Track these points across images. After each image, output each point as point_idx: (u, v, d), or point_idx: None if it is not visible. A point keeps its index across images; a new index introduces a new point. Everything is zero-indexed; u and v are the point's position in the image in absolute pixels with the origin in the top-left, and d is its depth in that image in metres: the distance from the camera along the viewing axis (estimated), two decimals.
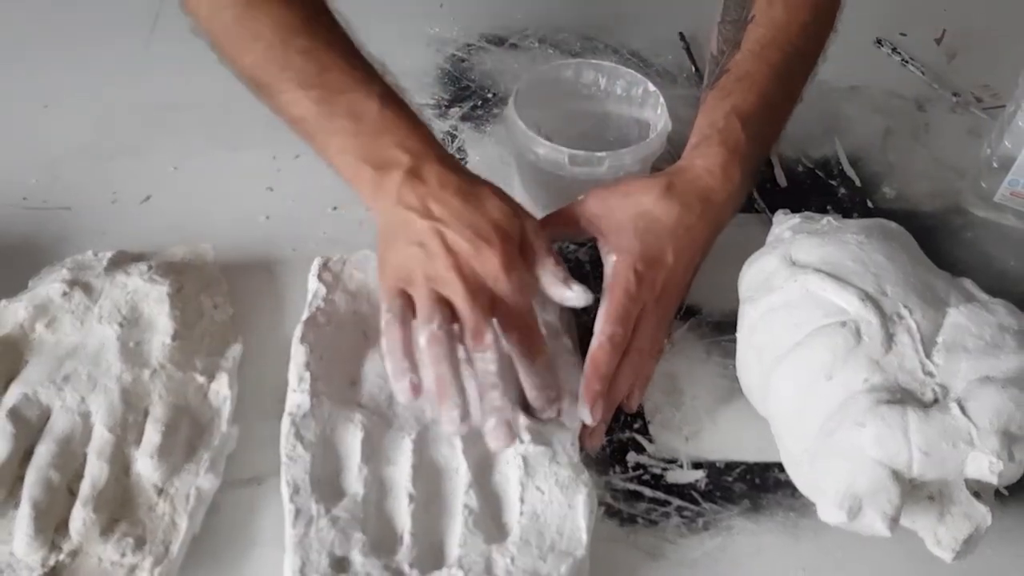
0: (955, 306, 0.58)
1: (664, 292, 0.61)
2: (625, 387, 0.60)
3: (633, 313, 0.60)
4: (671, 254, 0.61)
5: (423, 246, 0.55)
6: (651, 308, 0.61)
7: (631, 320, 0.60)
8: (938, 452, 0.51)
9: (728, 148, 0.63)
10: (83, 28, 0.89)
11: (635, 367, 0.60)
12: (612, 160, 0.68)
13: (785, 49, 0.67)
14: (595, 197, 0.64)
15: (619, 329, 0.59)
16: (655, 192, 0.62)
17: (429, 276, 0.55)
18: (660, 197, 0.62)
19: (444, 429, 0.54)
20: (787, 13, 0.68)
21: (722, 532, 0.57)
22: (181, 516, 0.53)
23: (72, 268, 0.63)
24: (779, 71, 0.67)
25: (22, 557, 0.51)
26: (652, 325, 0.61)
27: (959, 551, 0.52)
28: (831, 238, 0.62)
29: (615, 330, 0.58)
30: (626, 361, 0.60)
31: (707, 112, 0.66)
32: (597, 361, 0.58)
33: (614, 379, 0.59)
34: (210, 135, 0.80)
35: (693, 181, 0.63)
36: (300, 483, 0.53)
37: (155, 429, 0.55)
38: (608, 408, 0.59)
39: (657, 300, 0.61)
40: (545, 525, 0.53)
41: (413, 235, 0.56)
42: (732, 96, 0.65)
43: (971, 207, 0.78)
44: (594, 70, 0.75)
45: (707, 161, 0.63)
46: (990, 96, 0.89)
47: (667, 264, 0.61)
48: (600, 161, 0.67)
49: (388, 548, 0.52)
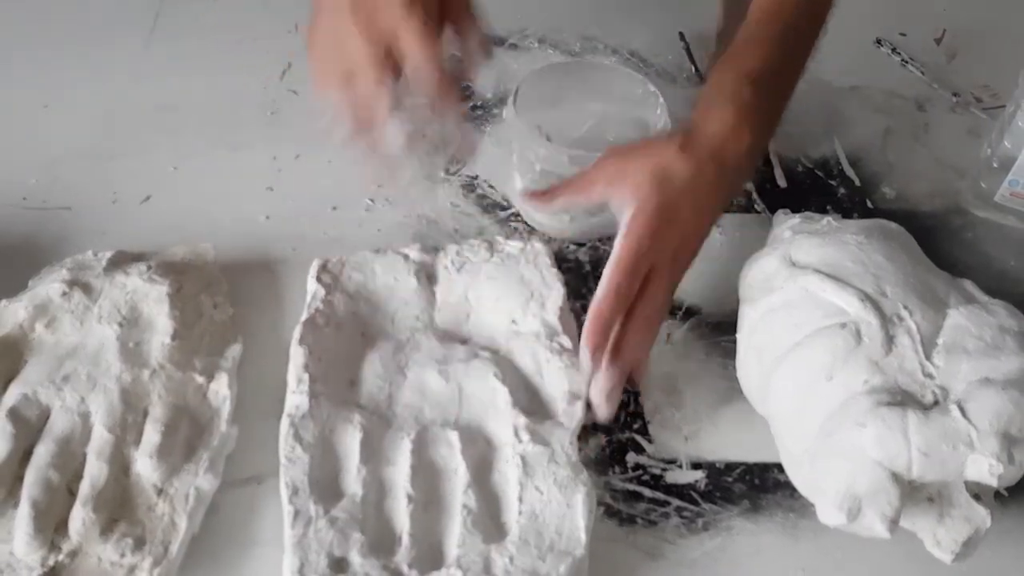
0: (955, 307, 0.58)
1: (678, 252, 0.59)
2: (633, 353, 0.58)
3: (642, 268, 0.57)
4: (689, 210, 0.59)
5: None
6: (662, 267, 0.58)
7: (640, 274, 0.57)
8: (938, 454, 0.50)
9: (736, 108, 0.61)
10: (83, 28, 0.89)
11: (641, 334, 0.58)
12: None
13: (790, 16, 0.66)
14: (612, 156, 0.62)
15: (626, 280, 0.56)
16: (672, 148, 0.60)
17: None
18: (677, 154, 0.59)
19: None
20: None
21: (721, 533, 0.57)
22: (180, 516, 0.53)
23: (72, 268, 0.63)
24: (785, 37, 0.65)
25: (21, 557, 0.51)
26: (662, 289, 0.58)
27: (959, 553, 0.52)
28: (831, 238, 0.62)
29: (622, 280, 0.56)
30: (631, 326, 0.57)
31: (714, 77, 0.64)
32: (600, 310, 0.56)
33: (622, 342, 0.57)
34: (210, 135, 0.80)
35: (705, 142, 0.61)
36: (299, 484, 0.53)
37: (154, 429, 0.55)
38: (619, 374, 0.57)
39: (672, 259, 0.59)
40: (544, 525, 0.53)
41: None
42: (739, 60, 0.64)
43: (971, 207, 0.78)
44: (594, 70, 0.74)
45: (717, 123, 0.61)
46: (990, 96, 0.88)
47: (684, 220, 0.59)
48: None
49: (387, 549, 0.52)
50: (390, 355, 0.60)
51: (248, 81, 0.85)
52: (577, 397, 0.58)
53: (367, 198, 0.75)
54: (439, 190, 0.76)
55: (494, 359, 0.60)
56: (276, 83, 0.85)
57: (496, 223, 0.75)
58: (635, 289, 0.57)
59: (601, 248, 0.73)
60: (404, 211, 0.75)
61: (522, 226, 0.75)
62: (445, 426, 0.57)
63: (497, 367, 0.59)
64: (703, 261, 0.72)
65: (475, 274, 0.66)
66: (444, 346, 0.61)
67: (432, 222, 0.74)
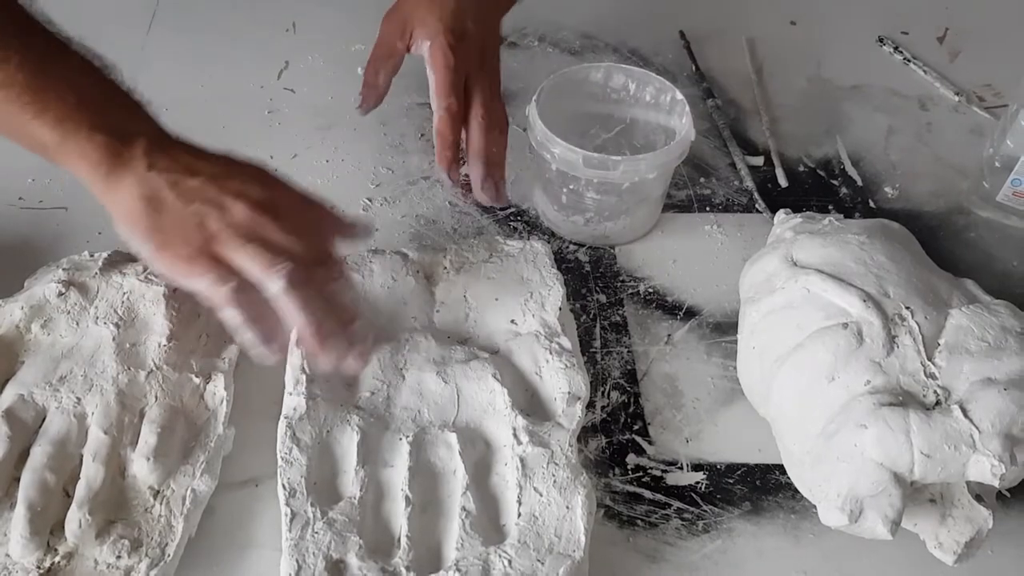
0: (957, 307, 0.58)
1: (482, 58, 0.68)
2: (488, 148, 0.66)
3: (458, 83, 0.66)
4: (471, 22, 0.67)
5: (208, 203, 0.52)
6: (476, 75, 0.67)
7: (459, 89, 0.66)
8: (940, 455, 0.50)
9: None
10: (78, 25, 0.89)
11: (485, 132, 0.66)
12: (627, 165, 0.67)
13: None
14: (389, 18, 0.70)
15: (451, 99, 0.65)
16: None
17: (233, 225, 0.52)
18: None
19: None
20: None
21: (722, 535, 0.57)
22: (177, 518, 0.53)
23: (68, 268, 0.63)
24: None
25: (17, 559, 0.51)
26: (483, 93, 0.67)
27: (961, 554, 0.52)
28: (833, 238, 0.62)
29: (448, 101, 0.65)
30: (473, 133, 0.66)
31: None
32: (441, 131, 0.66)
33: (478, 143, 0.66)
34: (206, 134, 0.78)
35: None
36: (296, 486, 0.53)
37: (151, 430, 0.55)
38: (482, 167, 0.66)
39: (479, 67, 0.67)
40: (543, 527, 0.52)
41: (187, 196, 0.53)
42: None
43: (974, 207, 0.78)
44: (624, 74, 0.74)
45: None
46: (992, 95, 0.88)
47: (473, 32, 0.67)
48: (615, 165, 0.67)
49: (385, 551, 0.52)
50: (388, 356, 0.60)
51: (244, 81, 0.85)
52: (577, 398, 0.58)
53: (364, 198, 0.75)
54: (438, 190, 0.76)
55: (493, 360, 0.60)
56: (273, 82, 0.85)
57: (495, 223, 0.74)
58: (462, 103, 0.66)
59: (601, 249, 0.73)
60: (402, 211, 0.74)
61: (522, 226, 0.74)
62: (443, 428, 0.57)
63: (496, 368, 0.59)
64: (703, 261, 0.72)
65: (474, 274, 0.65)
66: (443, 347, 0.61)
67: (430, 222, 0.74)
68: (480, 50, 0.68)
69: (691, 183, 0.78)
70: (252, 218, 0.52)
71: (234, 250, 0.52)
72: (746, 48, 0.91)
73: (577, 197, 0.70)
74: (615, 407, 0.63)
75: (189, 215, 0.52)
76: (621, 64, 0.75)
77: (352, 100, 0.71)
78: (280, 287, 0.51)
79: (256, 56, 0.87)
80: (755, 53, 0.91)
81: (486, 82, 0.68)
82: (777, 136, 0.83)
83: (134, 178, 0.53)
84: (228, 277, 0.51)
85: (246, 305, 0.52)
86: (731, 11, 0.96)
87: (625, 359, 0.66)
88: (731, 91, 0.87)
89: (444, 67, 0.66)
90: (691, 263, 0.72)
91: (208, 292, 0.52)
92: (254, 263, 0.51)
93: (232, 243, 0.52)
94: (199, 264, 0.51)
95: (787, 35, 0.94)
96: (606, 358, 0.66)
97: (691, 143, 0.70)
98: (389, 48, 0.69)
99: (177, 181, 0.53)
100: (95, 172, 0.53)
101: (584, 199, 0.70)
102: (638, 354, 0.66)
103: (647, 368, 0.65)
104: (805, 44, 0.93)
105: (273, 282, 0.51)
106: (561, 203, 0.71)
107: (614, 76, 0.74)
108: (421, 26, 0.67)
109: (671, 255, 0.73)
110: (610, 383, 0.64)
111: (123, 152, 0.53)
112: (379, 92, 0.71)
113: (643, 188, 0.70)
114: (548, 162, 0.69)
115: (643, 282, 0.71)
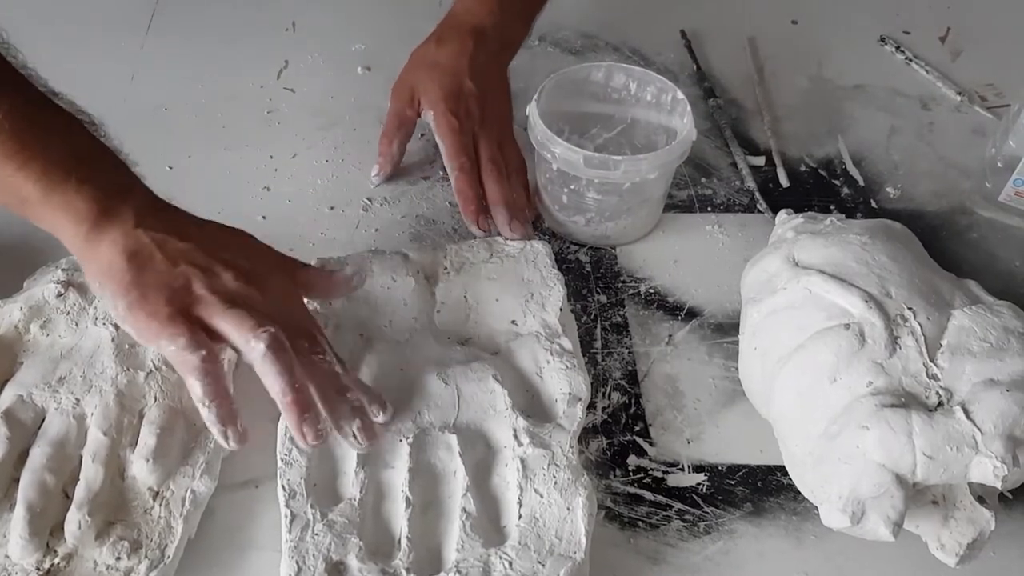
0: (960, 308, 0.57)
1: (484, 113, 0.71)
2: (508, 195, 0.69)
3: (467, 143, 0.70)
4: (468, 81, 0.71)
5: (196, 266, 0.52)
6: (480, 130, 0.71)
7: (468, 148, 0.70)
8: (942, 456, 0.50)
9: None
10: (78, 27, 0.89)
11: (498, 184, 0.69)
12: (628, 165, 0.67)
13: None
14: (397, 90, 0.74)
15: (462, 159, 0.70)
16: (431, 44, 0.74)
17: (220, 291, 0.52)
18: (437, 46, 0.73)
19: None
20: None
21: (724, 536, 0.57)
22: (176, 519, 0.53)
23: (67, 269, 0.62)
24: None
25: (17, 560, 0.51)
26: (490, 146, 0.71)
27: (963, 556, 0.51)
28: (834, 239, 0.61)
29: (459, 161, 0.70)
30: (488, 185, 0.69)
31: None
32: (461, 190, 0.69)
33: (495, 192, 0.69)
34: (206, 135, 0.79)
35: (457, 23, 0.74)
36: (296, 487, 0.53)
37: (150, 431, 0.55)
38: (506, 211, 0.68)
39: (481, 122, 0.71)
40: (544, 528, 0.52)
41: (175, 257, 0.52)
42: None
43: (976, 207, 0.77)
44: (625, 74, 0.74)
45: (464, 4, 0.75)
46: (995, 95, 0.88)
47: (469, 91, 0.71)
48: (616, 165, 0.67)
49: (385, 553, 0.52)
50: (388, 357, 0.60)
51: (244, 80, 0.84)
52: (578, 399, 0.58)
53: (364, 197, 0.75)
54: (438, 190, 0.76)
55: (493, 361, 0.60)
56: (272, 82, 0.85)
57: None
58: (472, 158, 0.70)
59: (602, 249, 0.73)
60: (402, 211, 0.74)
61: None
62: (444, 429, 0.56)
63: (496, 369, 0.59)
64: (705, 261, 0.72)
65: (474, 274, 0.65)
66: (443, 347, 0.61)
67: (430, 222, 0.74)
68: (481, 105, 0.71)
69: (692, 183, 0.78)
70: (240, 287, 0.52)
71: (218, 313, 0.51)
72: (747, 48, 0.91)
73: (578, 197, 0.70)
74: (616, 408, 0.63)
75: (176, 276, 0.52)
76: (622, 64, 0.75)
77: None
78: (262, 350, 0.50)
79: (256, 56, 0.87)
80: (756, 53, 0.91)
81: (493, 132, 0.72)
82: (779, 136, 0.83)
83: (120, 232, 0.52)
84: (202, 344, 0.51)
85: (212, 379, 0.51)
86: (732, 11, 0.96)
87: (626, 360, 0.65)
88: (732, 91, 0.87)
89: (449, 131, 0.70)
90: (692, 263, 0.72)
91: (178, 357, 0.51)
92: (238, 327, 0.51)
93: (217, 307, 0.51)
94: (175, 325, 0.51)
95: (789, 35, 0.94)
96: (607, 359, 0.65)
97: (692, 143, 0.69)
98: (400, 118, 0.74)
99: (166, 241, 0.53)
100: (77, 225, 0.52)
101: (585, 199, 0.70)
102: (639, 355, 0.66)
103: (648, 369, 0.65)
104: (807, 44, 0.93)
105: (255, 345, 0.50)
106: (562, 203, 0.71)
107: (615, 76, 0.74)
108: (424, 95, 0.72)
109: (672, 255, 0.72)
110: (611, 384, 0.64)
111: (112, 207, 0.52)
112: (395, 161, 0.75)
113: (644, 188, 0.69)
114: (549, 162, 0.69)
115: (644, 282, 0.71)
